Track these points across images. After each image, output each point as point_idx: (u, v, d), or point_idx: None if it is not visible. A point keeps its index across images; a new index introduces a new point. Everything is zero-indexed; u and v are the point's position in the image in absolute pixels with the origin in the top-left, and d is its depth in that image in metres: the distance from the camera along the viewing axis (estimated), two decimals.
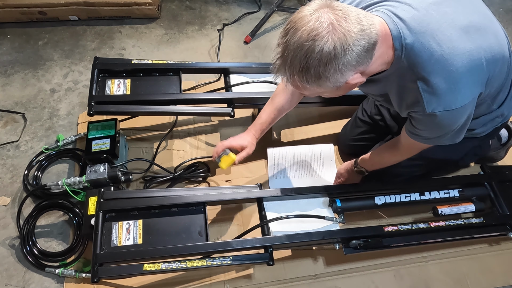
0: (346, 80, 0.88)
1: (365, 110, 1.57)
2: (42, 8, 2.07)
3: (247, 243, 1.25)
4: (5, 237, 1.51)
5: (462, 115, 1.02)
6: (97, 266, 1.18)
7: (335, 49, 0.80)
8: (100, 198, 1.30)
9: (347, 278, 1.42)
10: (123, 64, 1.59)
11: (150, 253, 1.21)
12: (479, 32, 0.98)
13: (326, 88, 0.90)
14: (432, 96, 0.95)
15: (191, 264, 1.20)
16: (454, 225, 1.35)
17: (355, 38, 0.81)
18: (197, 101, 1.57)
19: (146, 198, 1.32)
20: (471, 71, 0.95)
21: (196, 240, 1.25)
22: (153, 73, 1.59)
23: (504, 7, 2.30)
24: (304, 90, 0.93)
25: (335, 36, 0.80)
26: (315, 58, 0.81)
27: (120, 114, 1.60)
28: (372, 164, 1.38)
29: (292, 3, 2.35)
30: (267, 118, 1.39)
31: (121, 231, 1.26)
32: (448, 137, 1.09)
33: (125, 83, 1.54)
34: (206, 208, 1.31)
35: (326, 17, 0.80)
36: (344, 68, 0.84)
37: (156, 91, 1.55)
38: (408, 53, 0.94)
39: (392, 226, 1.32)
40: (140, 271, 1.18)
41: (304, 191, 1.39)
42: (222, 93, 1.62)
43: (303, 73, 0.85)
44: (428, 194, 1.42)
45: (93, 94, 1.48)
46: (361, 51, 0.83)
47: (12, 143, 1.75)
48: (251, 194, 1.37)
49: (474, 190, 1.47)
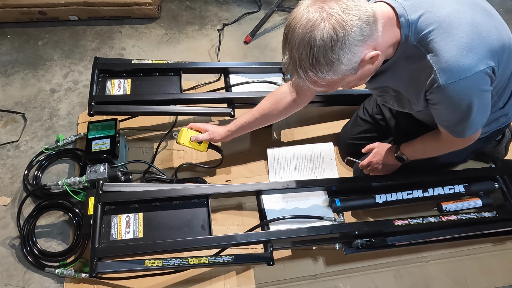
0: (361, 58, 0.87)
1: (367, 109, 1.57)
2: (42, 8, 2.07)
3: (252, 237, 1.22)
4: (5, 237, 1.51)
5: (479, 84, 0.97)
6: (96, 261, 1.14)
7: (335, 30, 0.81)
8: (99, 190, 1.26)
9: (347, 278, 1.42)
10: (123, 64, 1.59)
11: (151, 247, 1.17)
12: (486, 13, 0.99)
13: (344, 74, 0.89)
14: (444, 65, 0.92)
15: (193, 261, 1.18)
16: (466, 219, 1.31)
17: (351, 14, 0.82)
18: (197, 101, 1.57)
19: (146, 190, 1.29)
20: (481, 38, 0.93)
21: (199, 234, 1.22)
22: (153, 73, 1.59)
23: (504, 7, 2.30)
24: (325, 85, 0.91)
25: (331, 19, 0.81)
26: (320, 46, 0.82)
27: (121, 114, 1.61)
28: (413, 151, 1.31)
29: (292, 3, 2.35)
30: (248, 117, 1.42)
31: (120, 224, 1.23)
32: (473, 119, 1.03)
33: (125, 83, 1.54)
34: (209, 201, 1.28)
35: (316, 7, 0.82)
36: (352, 45, 0.83)
37: (157, 91, 1.55)
38: (415, 29, 0.93)
39: (402, 220, 1.28)
40: (141, 266, 1.15)
41: (304, 184, 1.37)
42: (222, 93, 1.62)
43: (314, 65, 0.85)
44: (432, 191, 1.38)
45: (94, 94, 1.49)
46: (362, 25, 0.83)
47: (12, 143, 1.75)
48: (256, 186, 1.35)
49: (482, 184, 1.41)
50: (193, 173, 1.64)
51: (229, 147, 1.71)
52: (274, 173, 1.63)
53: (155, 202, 1.27)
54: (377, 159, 1.40)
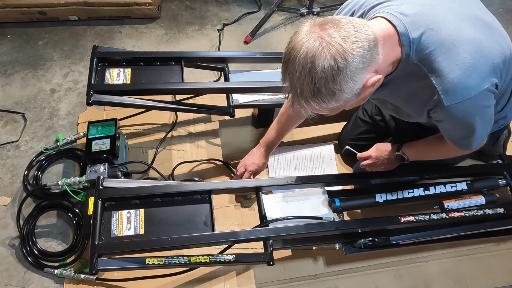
0: (362, 84, 0.85)
1: (366, 110, 1.57)
2: (42, 8, 2.07)
3: (255, 234, 1.19)
4: (5, 237, 1.51)
5: (483, 102, 0.97)
6: (96, 258, 1.12)
7: (335, 61, 0.79)
8: (99, 185, 1.23)
9: (347, 278, 1.42)
10: (123, 53, 1.55)
11: (153, 243, 1.15)
12: (486, 26, 0.97)
13: (346, 101, 0.88)
14: (447, 86, 0.92)
15: (194, 260, 1.16)
16: (473, 215, 1.29)
17: (351, 41, 0.80)
18: (199, 91, 1.55)
19: (148, 186, 1.26)
20: (483, 56, 0.92)
21: (202, 230, 1.20)
22: (154, 62, 1.54)
23: (504, 7, 2.30)
24: (326, 111, 0.90)
25: (331, 49, 0.79)
26: (321, 77, 0.80)
27: (119, 106, 1.51)
28: (416, 153, 1.29)
29: (292, 3, 2.35)
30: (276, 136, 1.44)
31: (121, 220, 1.20)
32: (478, 134, 1.04)
33: (125, 72, 1.50)
34: (212, 196, 1.26)
35: (315, 36, 0.80)
36: (354, 74, 0.82)
37: (157, 81, 1.50)
38: (417, 47, 0.91)
39: (408, 216, 1.25)
40: (142, 264, 1.13)
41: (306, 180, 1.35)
42: (223, 83, 1.61)
43: (316, 96, 0.83)
44: (433, 189, 1.36)
45: (92, 83, 1.43)
46: (363, 51, 0.81)
47: (12, 143, 1.75)
48: (258, 182, 1.34)
49: (485, 181, 1.40)
50: (190, 175, 1.64)
51: (229, 147, 1.72)
52: (274, 173, 1.63)
53: (157, 198, 1.25)
54: (377, 154, 1.38)
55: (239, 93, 1.57)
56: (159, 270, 1.29)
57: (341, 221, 1.26)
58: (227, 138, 1.76)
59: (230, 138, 1.76)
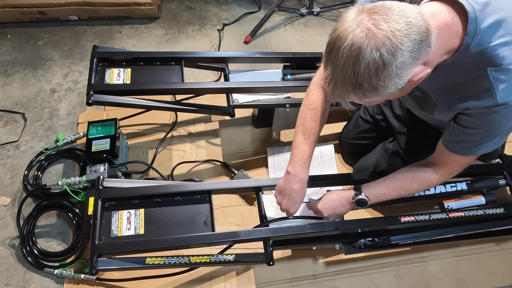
0: (408, 78, 0.79)
1: (367, 109, 1.57)
2: (42, 8, 2.07)
3: (255, 234, 1.19)
4: (5, 237, 1.51)
5: None
6: (96, 258, 1.12)
7: (381, 56, 0.73)
8: (99, 185, 1.24)
9: (347, 278, 1.42)
10: (123, 53, 1.56)
11: (153, 243, 1.15)
12: None
13: (388, 94, 0.83)
14: (506, 84, 0.86)
15: (194, 260, 1.16)
16: (474, 215, 1.28)
17: (401, 35, 0.73)
18: (199, 91, 1.54)
19: (148, 186, 1.27)
20: None
21: (202, 230, 1.20)
22: (154, 62, 1.54)
23: None
24: (367, 102, 0.86)
25: (378, 42, 0.73)
26: (364, 73, 0.75)
27: (119, 106, 1.52)
28: (384, 192, 1.17)
29: (292, 3, 2.35)
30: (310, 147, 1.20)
31: (121, 220, 1.21)
32: (497, 140, 0.98)
33: (125, 72, 1.50)
34: (212, 196, 1.26)
35: (363, 26, 0.74)
36: (400, 70, 0.76)
37: (158, 80, 1.50)
38: (480, 39, 0.83)
39: (408, 216, 1.24)
40: (142, 264, 1.13)
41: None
42: (224, 83, 1.61)
43: (357, 90, 0.79)
44: (433, 189, 1.35)
45: (92, 83, 1.43)
46: (413, 46, 0.74)
47: (12, 143, 1.75)
48: (258, 182, 1.34)
49: (486, 181, 1.39)
50: (190, 175, 1.64)
51: (229, 147, 1.72)
52: (274, 173, 1.63)
53: (157, 198, 1.25)
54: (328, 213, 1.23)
55: (239, 93, 1.57)
56: (159, 270, 1.29)
57: (341, 221, 1.26)
58: (227, 138, 1.76)
59: (230, 138, 1.76)
